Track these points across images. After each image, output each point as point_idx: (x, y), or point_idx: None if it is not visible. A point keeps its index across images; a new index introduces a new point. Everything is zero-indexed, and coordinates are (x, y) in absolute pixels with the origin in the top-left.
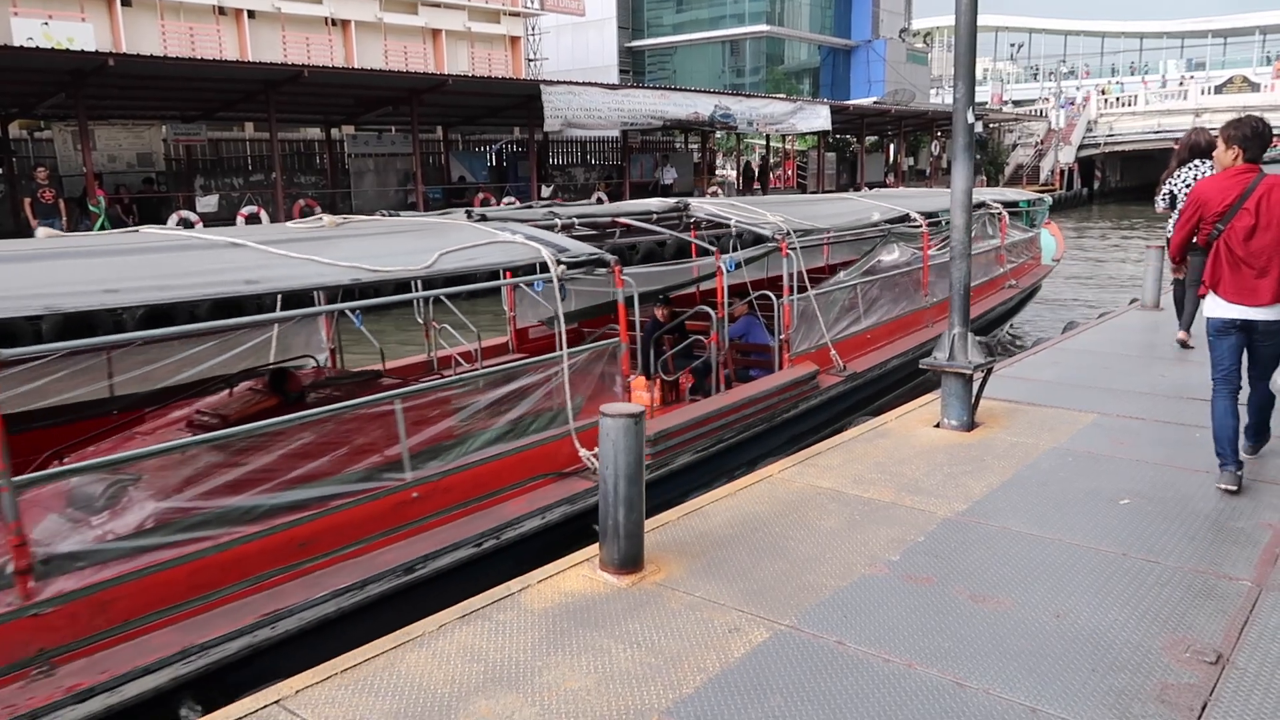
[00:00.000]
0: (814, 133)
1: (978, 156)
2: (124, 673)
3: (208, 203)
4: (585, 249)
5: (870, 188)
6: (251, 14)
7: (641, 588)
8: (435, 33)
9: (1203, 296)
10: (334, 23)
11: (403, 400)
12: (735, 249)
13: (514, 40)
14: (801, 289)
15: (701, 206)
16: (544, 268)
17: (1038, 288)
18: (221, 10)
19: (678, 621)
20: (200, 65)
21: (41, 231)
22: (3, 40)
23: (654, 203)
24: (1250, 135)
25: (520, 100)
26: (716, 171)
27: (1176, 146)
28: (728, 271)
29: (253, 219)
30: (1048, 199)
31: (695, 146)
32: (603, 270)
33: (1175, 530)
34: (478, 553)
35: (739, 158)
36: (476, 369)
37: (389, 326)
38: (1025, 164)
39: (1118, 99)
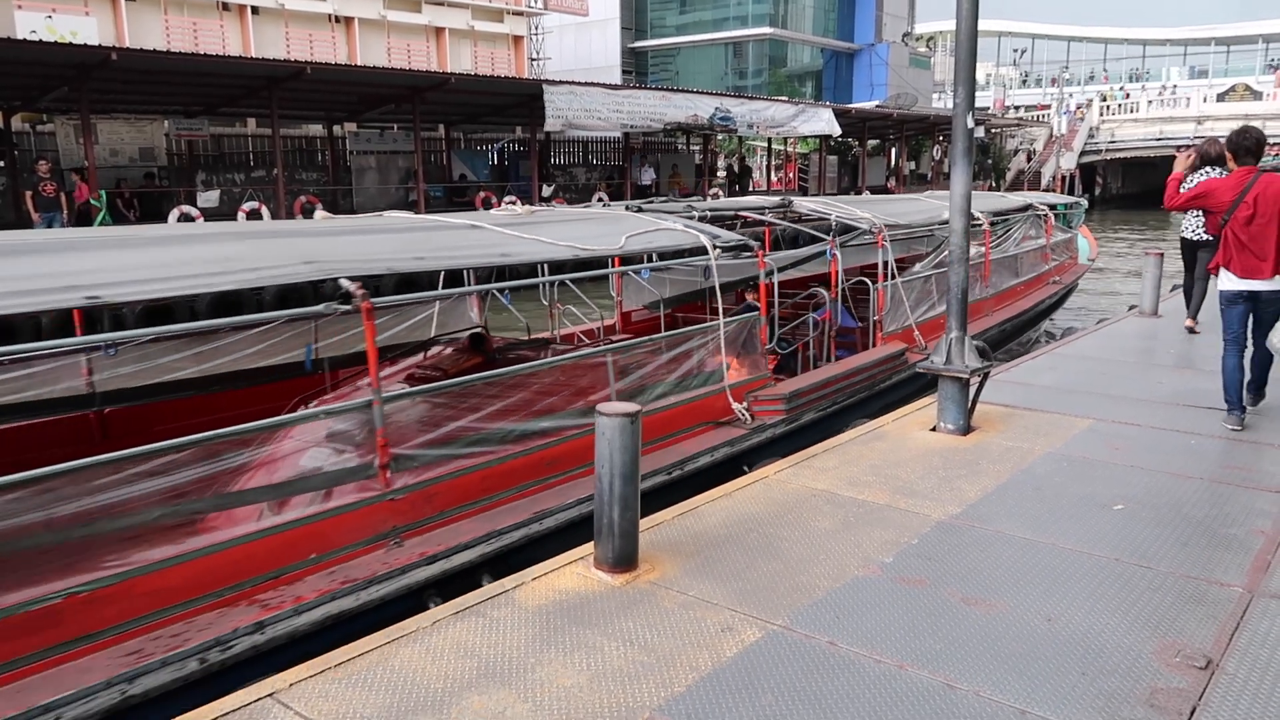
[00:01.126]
0: (817, 136)
1: (988, 161)
2: (452, 546)
3: (209, 198)
4: (734, 236)
5: (872, 191)
6: (255, 10)
7: (635, 586)
8: (439, 31)
9: (1213, 272)
10: (337, 20)
11: (612, 354)
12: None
13: (517, 39)
14: (889, 277)
15: (803, 203)
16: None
17: (1075, 285)
18: (225, 6)
19: (671, 620)
20: (203, 60)
21: (320, 214)
22: (6, 33)
23: (764, 200)
24: (1238, 145)
25: (522, 99)
26: (718, 173)
27: (1178, 155)
28: (828, 260)
29: (254, 215)
30: (1083, 202)
31: (697, 148)
32: (747, 254)
33: (1168, 536)
34: (668, 480)
35: (740, 159)
36: (600, 342)
37: (512, 306)
38: (1026, 169)
39: (1120, 105)
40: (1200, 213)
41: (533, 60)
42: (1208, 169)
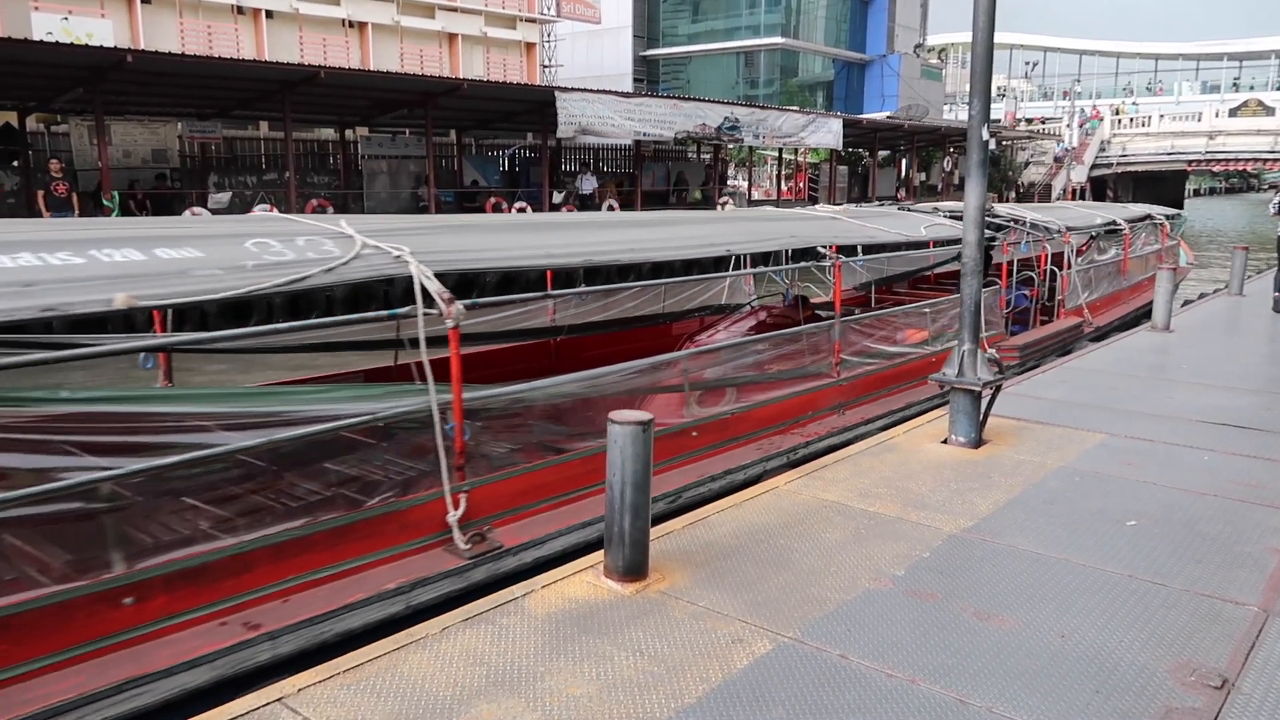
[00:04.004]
0: (823, 148)
1: (1009, 173)
2: (867, 418)
3: (220, 200)
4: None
5: (881, 202)
6: (269, 14)
7: (645, 596)
8: (451, 37)
9: None
10: (351, 25)
11: (930, 308)
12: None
13: (529, 46)
14: (1058, 267)
15: (999, 209)
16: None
17: (1179, 284)
18: (240, 10)
19: (681, 630)
20: (217, 64)
21: (727, 206)
22: (23, 34)
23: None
24: None
25: (534, 106)
26: (728, 182)
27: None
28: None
29: None
30: (1184, 214)
31: (708, 156)
32: (994, 243)
33: (1182, 553)
34: (930, 404)
35: (750, 169)
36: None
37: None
38: (1038, 182)
39: (1132, 119)
40: None
41: (545, 67)
42: None
